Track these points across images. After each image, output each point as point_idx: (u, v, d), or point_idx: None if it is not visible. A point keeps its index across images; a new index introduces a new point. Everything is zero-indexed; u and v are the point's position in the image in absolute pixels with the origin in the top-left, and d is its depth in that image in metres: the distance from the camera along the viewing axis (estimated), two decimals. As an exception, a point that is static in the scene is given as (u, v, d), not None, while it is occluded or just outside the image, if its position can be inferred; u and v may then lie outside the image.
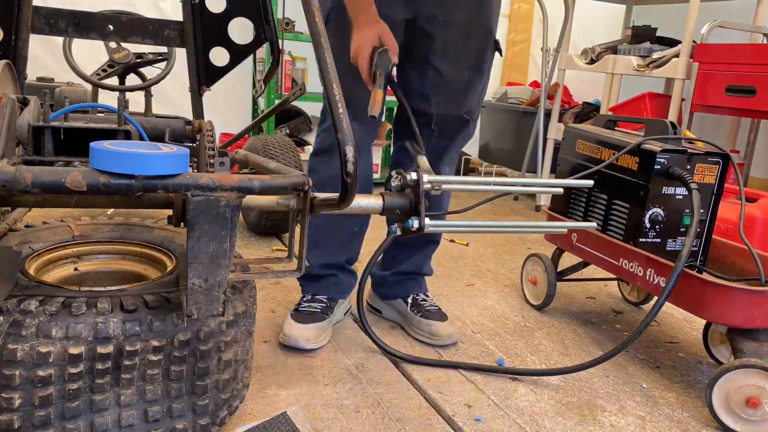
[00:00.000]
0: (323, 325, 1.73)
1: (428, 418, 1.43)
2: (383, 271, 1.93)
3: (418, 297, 1.88)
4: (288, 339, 1.67)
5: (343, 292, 1.84)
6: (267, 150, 2.52)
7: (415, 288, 1.91)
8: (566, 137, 2.04)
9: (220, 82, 2.21)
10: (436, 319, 1.81)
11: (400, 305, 1.89)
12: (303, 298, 1.81)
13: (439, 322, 1.80)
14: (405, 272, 1.91)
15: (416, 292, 1.90)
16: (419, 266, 1.92)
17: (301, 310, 1.75)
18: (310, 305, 1.77)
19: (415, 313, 1.84)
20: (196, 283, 1.05)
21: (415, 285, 1.91)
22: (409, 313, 1.85)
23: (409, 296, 1.89)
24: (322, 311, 1.76)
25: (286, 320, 1.73)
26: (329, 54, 1.07)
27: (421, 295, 1.90)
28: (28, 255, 1.30)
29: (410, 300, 1.88)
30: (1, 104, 1.10)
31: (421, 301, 1.87)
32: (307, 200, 1.14)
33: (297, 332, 1.67)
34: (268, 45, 2.09)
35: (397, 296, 1.91)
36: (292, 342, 1.66)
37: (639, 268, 1.73)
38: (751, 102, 2.64)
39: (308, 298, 1.80)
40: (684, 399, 1.62)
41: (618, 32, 3.98)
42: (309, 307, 1.76)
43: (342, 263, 1.82)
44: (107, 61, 2.54)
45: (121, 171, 0.96)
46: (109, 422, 1.06)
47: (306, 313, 1.74)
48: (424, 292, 1.92)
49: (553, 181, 1.32)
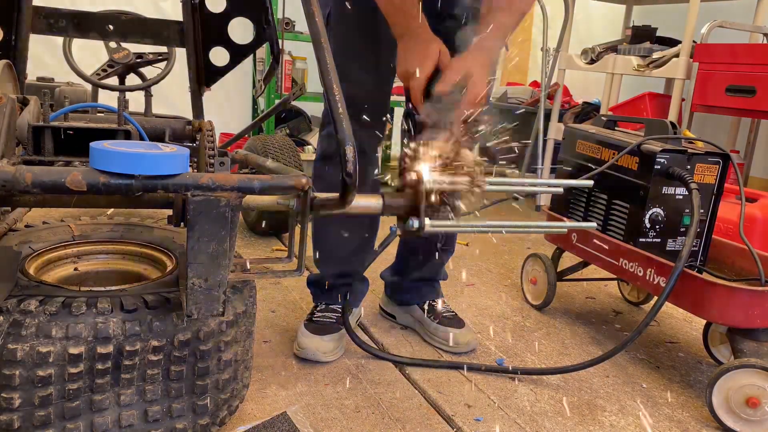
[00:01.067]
0: (339, 336, 1.69)
1: (428, 418, 1.43)
2: (397, 276, 1.90)
3: (435, 303, 1.85)
4: (305, 352, 1.63)
5: (356, 300, 1.83)
6: (267, 150, 2.52)
7: (431, 294, 1.87)
8: (566, 137, 2.04)
9: (220, 82, 2.21)
10: (453, 326, 1.78)
11: (416, 312, 1.86)
12: (316, 307, 1.76)
13: (457, 329, 1.77)
14: (420, 278, 1.87)
15: (432, 297, 1.86)
16: (435, 272, 1.88)
17: (316, 321, 1.71)
18: (324, 315, 1.73)
19: (432, 320, 1.81)
20: (196, 283, 1.05)
21: (431, 291, 1.88)
22: (426, 320, 1.82)
23: (425, 302, 1.85)
24: (338, 321, 1.71)
25: (300, 331, 1.69)
26: (329, 54, 1.07)
27: (438, 301, 1.86)
28: (28, 255, 1.30)
29: (426, 306, 1.84)
30: (1, 104, 1.10)
31: (437, 307, 1.84)
32: (307, 200, 1.14)
33: (314, 345, 1.63)
34: (268, 45, 2.09)
35: (412, 302, 1.87)
36: (309, 355, 1.63)
37: (639, 268, 1.72)
38: (751, 102, 2.64)
39: (322, 307, 1.75)
40: (684, 399, 1.62)
41: (618, 32, 3.98)
42: (323, 317, 1.72)
43: (355, 271, 1.77)
44: (107, 61, 2.54)
45: (121, 171, 0.96)
46: (109, 422, 1.06)
47: (321, 324, 1.70)
48: (441, 298, 1.89)
49: (553, 181, 1.32)
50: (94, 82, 2.46)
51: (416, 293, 1.87)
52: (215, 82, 2.18)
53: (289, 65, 3.93)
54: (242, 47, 2.09)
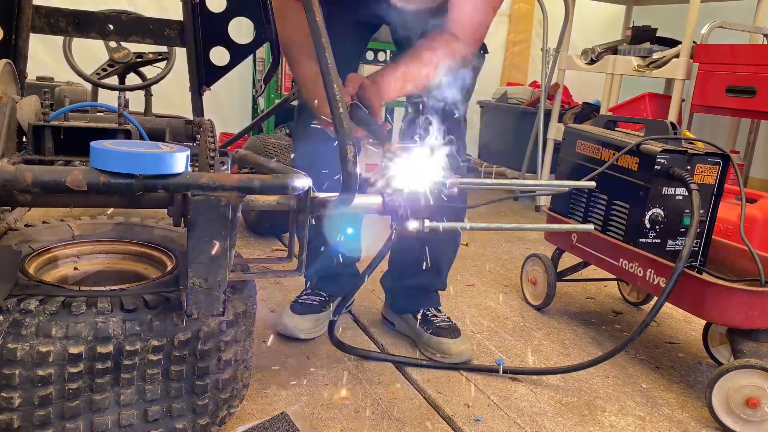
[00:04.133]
0: (319, 317, 1.77)
1: (428, 418, 1.43)
2: (393, 282, 1.87)
3: (429, 312, 1.79)
4: (284, 328, 1.74)
5: (342, 290, 1.82)
6: (267, 150, 2.52)
7: (425, 303, 1.81)
8: (566, 137, 2.04)
9: (220, 81, 2.21)
10: (448, 336, 1.71)
11: (410, 320, 1.81)
12: (304, 291, 1.86)
13: (450, 339, 1.70)
14: (414, 286, 1.82)
15: (426, 307, 1.80)
16: (431, 282, 1.83)
17: (300, 302, 1.81)
18: (309, 297, 1.82)
19: (425, 330, 1.75)
20: (196, 282, 1.05)
21: (425, 300, 1.82)
22: (419, 330, 1.76)
23: (419, 312, 1.79)
24: (320, 304, 1.80)
25: (285, 311, 1.78)
26: (329, 54, 1.07)
27: (432, 311, 1.80)
28: (28, 254, 1.30)
29: (419, 316, 1.78)
30: (1, 104, 1.10)
31: (431, 317, 1.77)
32: (307, 200, 1.14)
33: (293, 323, 1.73)
34: (268, 45, 2.09)
35: (406, 311, 1.83)
36: (288, 331, 1.73)
37: (639, 269, 1.73)
38: (751, 102, 2.64)
39: (308, 291, 1.84)
40: (684, 399, 1.62)
41: (618, 32, 3.98)
42: (308, 299, 1.81)
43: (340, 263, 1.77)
44: (107, 61, 2.54)
45: (122, 170, 0.96)
46: (109, 422, 1.06)
47: (304, 305, 1.79)
48: (436, 307, 1.82)
49: (555, 183, 1.32)
50: (94, 82, 2.46)
51: (410, 301, 1.82)
52: (215, 82, 2.18)
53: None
54: (242, 47, 2.09)
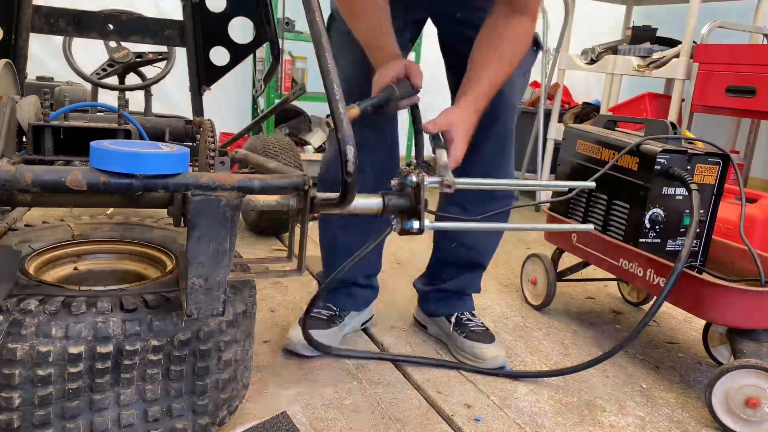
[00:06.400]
0: (327, 333, 1.69)
1: (428, 418, 1.43)
2: (426, 286, 1.86)
3: (463, 316, 1.78)
4: (288, 342, 1.66)
5: (356, 304, 1.79)
6: (267, 150, 2.52)
7: (459, 306, 1.80)
8: (566, 137, 2.04)
9: (220, 81, 2.21)
10: (482, 341, 1.70)
11: (444, 324, 1.79)
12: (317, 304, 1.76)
13: (484, 344, 1.69)
14: (448, 290, 1.82)
15: (461, 310, 1.79)
16: (465, 286, 1.83)
17: (310, 316, 1.70)
18: (319, 312, 1.73)
19: (459, 334, 1.74)
20: (196, 282, 1.05)
21: (459, 303, 1.81)
22: (453, 334, 1.75)
23: (453, 315, 1.78)
24: (329, 319, 1.72)
25: (293, 325, 1.71)
26: (330, 54, 1.07)
27: (467, 314, 1.79)
28: (27, 254, 1.30)
29: (454, 319, 1.77)
30: (1, 104, 1.10)
31: (466, 320, 1.76)
32: (307, 200, 1.14)
33: (298, 337, 1.64)
34: (268, 45, 2.09)
35: (440, 314, 1.81)
36: (291, 346, 1.65)
37: (639, 269, 1.73)
38: (751, 102, 2.64)
39: (321, 305, 1.75)
40: (684, 399, 1.62)
41: (618, 32, 3.98)
42: (318, 314, 1.73)
43: (356, 276, 1.76)
44: (107, 61, 2.54)
45: (122, 170, 0.96)
46: (109, 422, 1.06)
47: (313, 319, 1.70)
48: (470, 311, 1.81)
49: (556, 183, 1.32)
50: (94, 82, 2.46)
51: (445, 305, 1.82)
52: (215, 82, 2.18)
53: (289, 65, 3.93)
54: (242, 47, 2.10)
